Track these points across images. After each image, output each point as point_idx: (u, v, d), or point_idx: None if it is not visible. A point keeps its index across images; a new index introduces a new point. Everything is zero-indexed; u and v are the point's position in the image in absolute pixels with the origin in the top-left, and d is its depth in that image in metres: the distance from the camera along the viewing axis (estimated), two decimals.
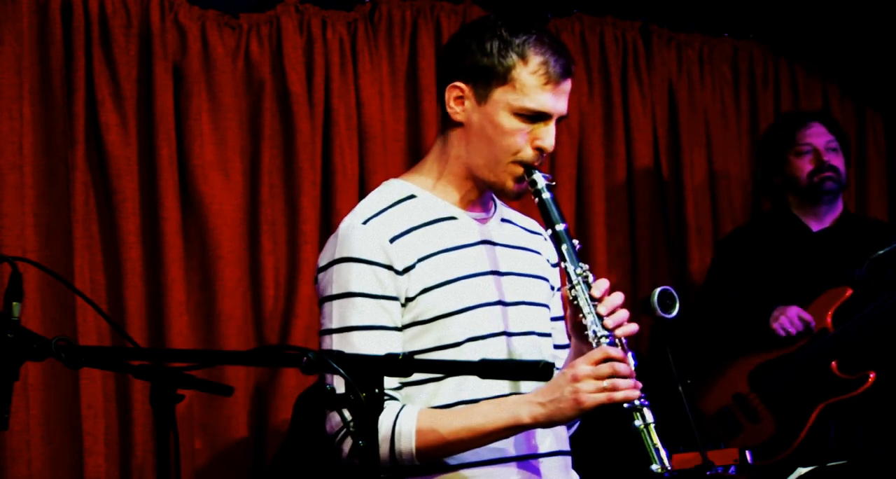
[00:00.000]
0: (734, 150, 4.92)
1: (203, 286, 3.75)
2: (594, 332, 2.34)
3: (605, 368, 2.27)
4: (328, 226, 3.93)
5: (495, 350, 2.40)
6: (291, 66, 3.87)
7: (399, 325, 2.37)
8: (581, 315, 2.36)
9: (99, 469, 3.54)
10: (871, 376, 3.99)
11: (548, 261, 2.61)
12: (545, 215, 2.43)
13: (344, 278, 2.35)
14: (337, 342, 2.35)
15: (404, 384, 2.38)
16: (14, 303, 2.05)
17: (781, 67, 5.05)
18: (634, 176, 4.63)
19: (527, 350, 2.45)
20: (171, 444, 2.01)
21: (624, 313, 2.37)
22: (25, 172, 3.45)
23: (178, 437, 2.02)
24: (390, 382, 2.33)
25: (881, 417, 4.13)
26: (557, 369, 2.45)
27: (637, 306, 2.60)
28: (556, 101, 2.41)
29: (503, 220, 2.56)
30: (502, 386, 2.40)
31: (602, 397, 2.26)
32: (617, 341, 2.34)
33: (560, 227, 2.41)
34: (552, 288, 2.61)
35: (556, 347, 2.60)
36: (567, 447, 2.52)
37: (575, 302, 2.37)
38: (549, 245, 2.52)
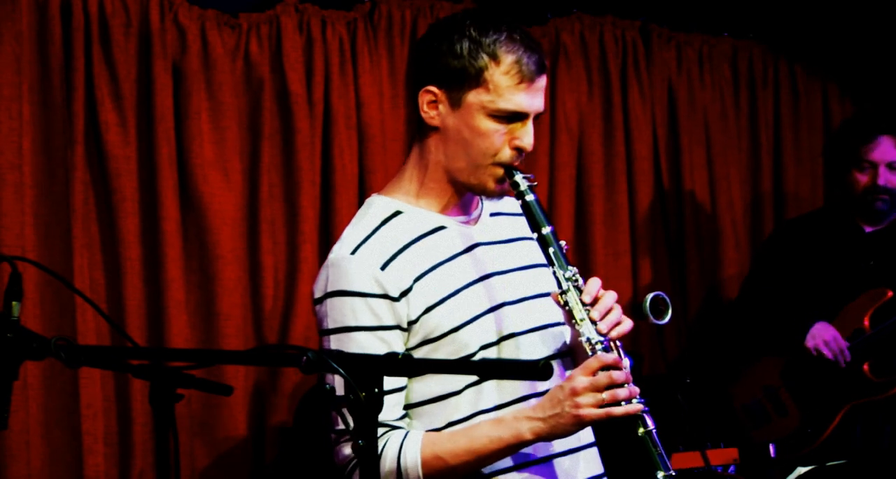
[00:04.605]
0: (734, 149, 4.93)
1: (202, 286, 3.75)
2: (588, 339, 2.31)
3: (603, 378, 2.25)
4: (328, 225, 3.93)
5: (508, 352, 2.38)
6: (291, 65, 3.87)
7: (401, 352, 2.33)
8: (574, 321, 2.34)
9: (98, 469, 3.54)
10: None
11: None
12: (530, 219, 2.39)
13: (339, 312, 2.32)
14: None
15: (424, 403, 2.37)
16: (13, 302, 2.05)
17: (781, 67, 5.05)
18: (634, 176, 4.63)
19: (540, 346, 2.43)
20: (171, 443, 2.01)
21: (615, 315, 2.35)
22: (25, 172, 3.45)
23: (177, 436, 2.02)
24: (394, 412, 2.32)
25: None
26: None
27: (630, 311, 2.59)
28: (531, 99, 2.36)
29: (492, 214, 2.53)
30: (520, 389, 2.39)
31: (601, 412, 2.25)
32: (611, 344, 2.32)
33: (546, 230, 2.37)
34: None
35: None
36: (591, 439, 2.50)
37: (567, 307, 2.34)
38: None
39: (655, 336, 4.53)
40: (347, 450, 2.30)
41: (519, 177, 2.38)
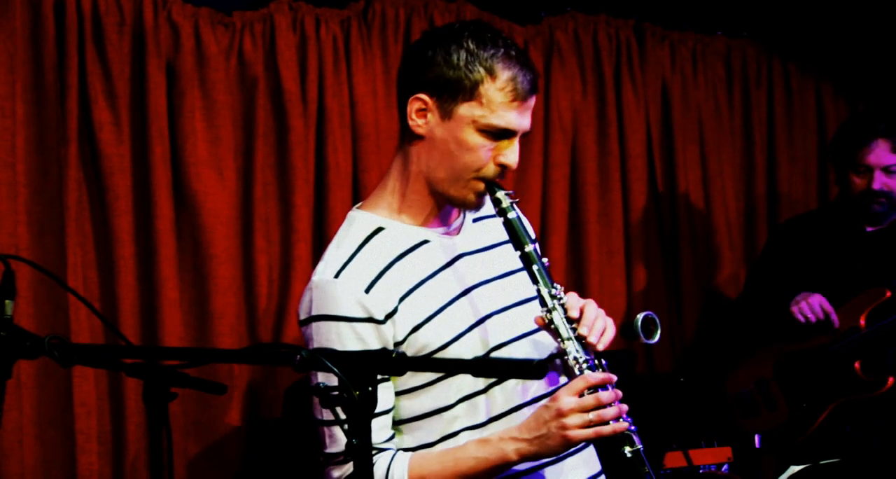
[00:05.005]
0: (727, 147, 4.93)
1: (196, 284, 3.74)
2: (575, 358, 2.31)
3: (590, 399, 2.25)
4: (321, 224, 3.92)
5: None
6: (285, 63, 3.86)
7: (387, 375, 2.32)
8: (560, 339, 2.33)
9: (92, 468, 3.53)
10: (890, 380, 4.01)
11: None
12: (513, 237, 2.38)
13: (324, 336, 2.30)
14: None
15: (416, 418, 2.36)
16: (7, 301, 2.05)
17: (775, 66, 5.06)
18: (628, 174, 4.63)
19: (529, 353, 2.43)
20: (164, 442, 2.01)
21: (600, 325, 2.35)
22: (18, 170, 3.44)
23: (171, 435, 2.02)
24: (381, 435, 2.32)
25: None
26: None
27: (621, 331, 2.60)
28: (521, 118, 2.34)
29: (475, 220, 2.52)
30: (512, 399, 2.38)
31: (590, 432, 2.25)
32: (596, 362, 2.31)
33: (529, 248, 2.37)
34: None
35: None
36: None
37: (552, 326, 2.33)
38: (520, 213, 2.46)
39: (667, 334, 4.56)
40: (336, 473, 2.30)
41: (501, 194, 2.37)
